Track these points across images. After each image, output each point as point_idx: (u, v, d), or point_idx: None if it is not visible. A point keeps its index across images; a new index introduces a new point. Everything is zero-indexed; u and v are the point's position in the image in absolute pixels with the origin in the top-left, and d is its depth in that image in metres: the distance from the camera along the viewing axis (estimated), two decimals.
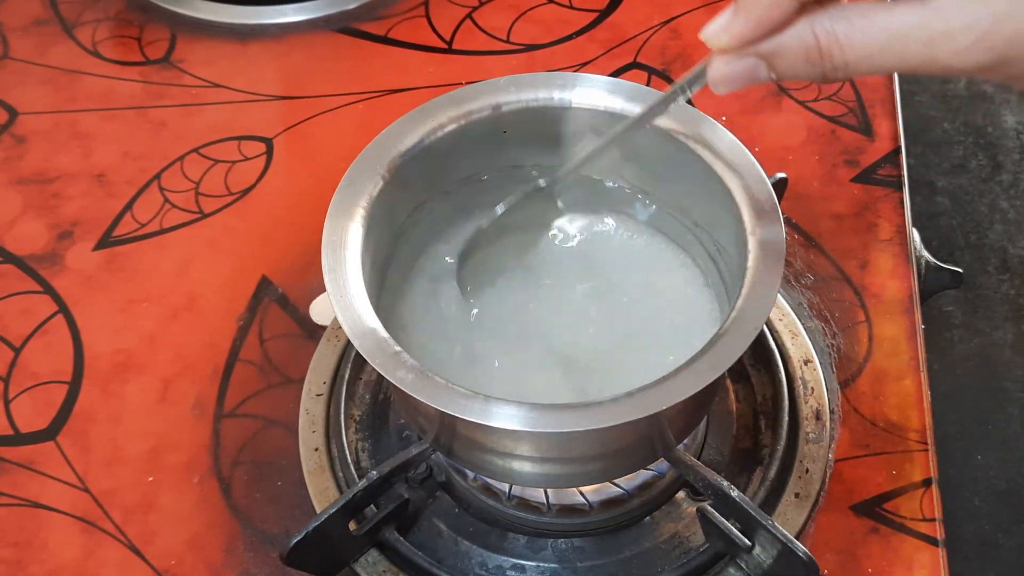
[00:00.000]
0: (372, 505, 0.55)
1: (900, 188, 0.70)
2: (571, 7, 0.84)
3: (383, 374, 0.43)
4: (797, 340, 0.62)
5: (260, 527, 0.57)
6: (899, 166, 0.71)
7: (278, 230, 0.71)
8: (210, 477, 0.59)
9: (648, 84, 0.77)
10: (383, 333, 0.45)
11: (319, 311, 0.66)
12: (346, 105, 0.78)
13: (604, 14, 0.84)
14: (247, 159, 0.75)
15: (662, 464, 0.56)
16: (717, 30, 0.40)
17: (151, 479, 0.59)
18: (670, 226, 0.57)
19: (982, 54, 0.36)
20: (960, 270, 0.72)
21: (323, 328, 0.64)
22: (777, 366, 0.60)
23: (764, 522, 0.49)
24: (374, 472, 0.52)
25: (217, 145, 0.76)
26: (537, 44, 0.82)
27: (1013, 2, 0.36)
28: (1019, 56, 0.37)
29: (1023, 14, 0.36)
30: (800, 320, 0.63)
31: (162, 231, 0.71)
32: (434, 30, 0.83)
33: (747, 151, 0.50)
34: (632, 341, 0.54)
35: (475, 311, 0.54)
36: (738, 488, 0.51)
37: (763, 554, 0.51)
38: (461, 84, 0.54)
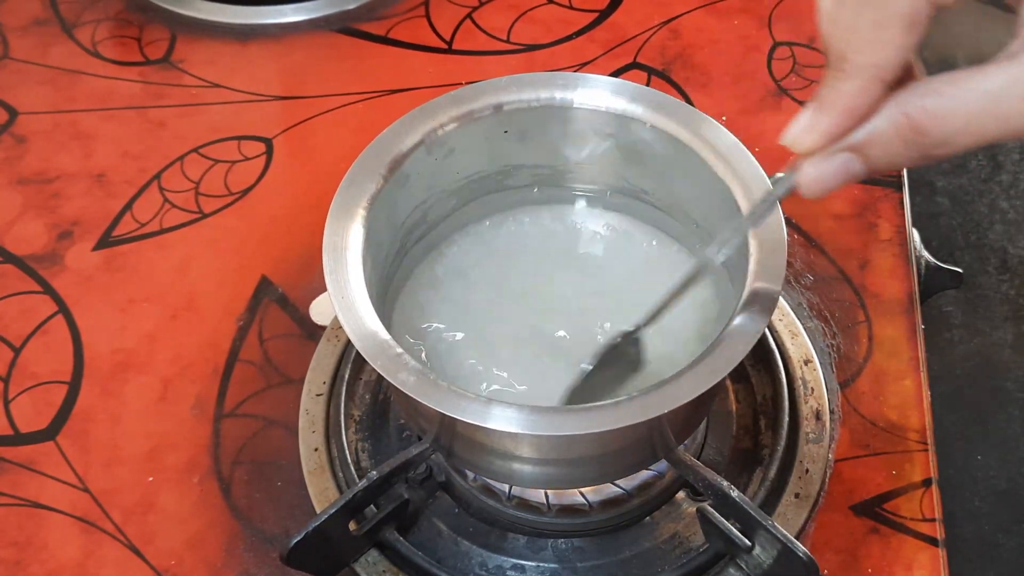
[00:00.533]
0: (372, 505, 0.54)
1: (900, 188, 0.70)
2: (571, 7, 0.84)
3: (385, 376, 0.43)
4: (797, 340, 0.62)
5: (260, 527, 0.57)
6: None
7: (278, 230, 0.71)
8: (210, 477, 0.59)
9: (648, 84, 0.77)
10: (384, 335, 0.45)
11: (319, 311, 0.66)
12: (346, 105, 0.78)
13: (604, 14, 0.84)
14: (247, 159, 0.75)
15: (662, 464, 0.56)
16: (800, 132, 0.37)
17: (151, 479, 0.59)
18: (670, 226, 0.57)
19: None
20: (960, 270, 0.72)
21: (323, 328, 0.64)
22: (777, 366, 0.60)
23: (764, 522, 0.49)
24: (374, 472, 0.52)
25: (217, 145, 0.76)
26: (537, 44, 0.82)
27: None
28: None
29: None
30: (800, 320, 0.63)
31: (162, 231, 0.71)
32: (434, 30, 0.83)
33: (747, 151, 0.50)
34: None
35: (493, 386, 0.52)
36: (738, 488, 0.51)
37: (763, 554, 0.51)
38: (461, 84, 0.54)
